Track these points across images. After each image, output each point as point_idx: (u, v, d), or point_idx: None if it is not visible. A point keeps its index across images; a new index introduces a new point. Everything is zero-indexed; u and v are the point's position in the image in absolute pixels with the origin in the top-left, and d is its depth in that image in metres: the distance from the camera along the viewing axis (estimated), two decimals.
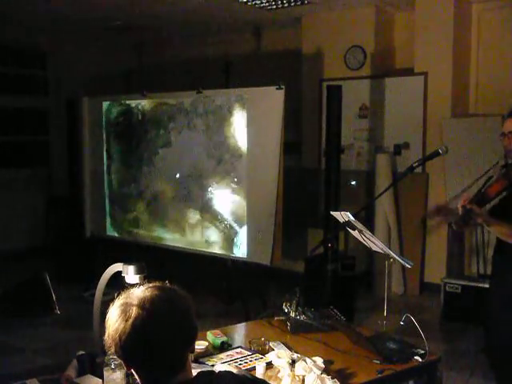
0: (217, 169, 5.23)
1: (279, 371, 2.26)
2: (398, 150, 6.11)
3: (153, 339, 1.40)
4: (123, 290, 1.52)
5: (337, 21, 6.36)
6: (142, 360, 1.42)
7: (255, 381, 1.63)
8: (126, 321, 1.41)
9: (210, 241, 5.36)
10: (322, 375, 2.18)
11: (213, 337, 2.60)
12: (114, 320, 1.43)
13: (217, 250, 5.31)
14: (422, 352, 2.43)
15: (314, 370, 2.21)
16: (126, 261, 2.29)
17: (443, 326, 5.08)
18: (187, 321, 1.46)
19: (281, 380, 2.20)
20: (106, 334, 1.45)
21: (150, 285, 1.50)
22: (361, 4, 6.07)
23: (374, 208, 5.93)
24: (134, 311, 1.41)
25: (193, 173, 5.44)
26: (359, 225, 2.59)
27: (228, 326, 2.92)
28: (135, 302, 1.43)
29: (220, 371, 1.57)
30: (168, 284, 1.52)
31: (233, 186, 5.15)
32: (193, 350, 1.49)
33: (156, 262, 5.47)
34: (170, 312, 1.43)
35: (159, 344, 1.40)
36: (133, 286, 1.54)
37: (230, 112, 5.14)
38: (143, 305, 1.42)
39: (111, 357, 2.07)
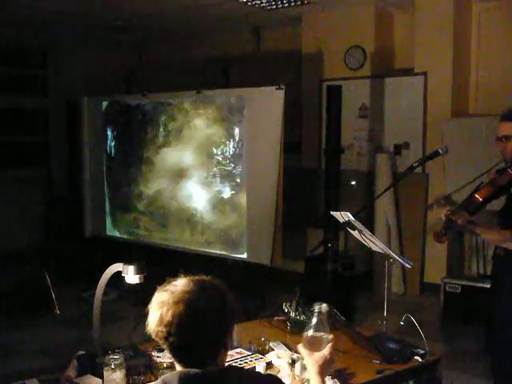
0: (217, 169, 5.23)
1: (279, 371, 2.26)
2: (398, 150, 6.11)
3: (201, 325, 1.47)
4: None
5: (337, 21, 6.35)
6: (188, 350, 1.49)
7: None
8: (177, 308, 1.46)
9: (210, 241, 5.36)
10: None
11: None
12: (162, 310, 1.47)
13: (217, 249, 5.31)
14: (422, 352, 2.43)
15: None
16: (126, 261, 2.29)
17: (443, 326, 5.08)
18: (227, 317, 1.53)
19: None
20: (155, 319, 1.48)
21: (195, 278, 1.56)
22: (361, 4, 6.07)
23: (374, 208, 5.93)
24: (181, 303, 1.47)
25: (192, 173, 5.45)
26: (359, 225, 2.59)
27: None
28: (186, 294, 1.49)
29: (249, 370, 1.64)
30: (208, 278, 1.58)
31: (233, 186, 5.15)
32: (226, 346, 1.56)
33: (156, 261, 5.48)
34: (216, 309, 1.51)
35: (205, 329, 1.47)
36: (175, 279, 1.56)
37: (229, 112, 5.14)
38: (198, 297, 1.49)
39: (111, 357, 2.07)
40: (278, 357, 2.35)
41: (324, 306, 1.90)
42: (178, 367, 1.52)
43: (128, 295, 5.40)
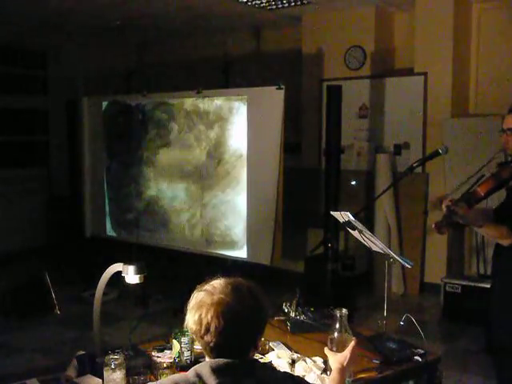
0: (217, 169, 5.23)
1: None
2: (398, 150, 6.11)
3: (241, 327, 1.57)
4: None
5: (337, 21, 6.36)
6: (221, 349, 1.57)
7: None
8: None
9: (210, 241, 5.36)
10: (322, 375, 2.18)
11: None
12: (200, 311, 1.56)
13: (217, 249, 5.31)
14: (422, 352, 2.43)
15: (314, 369, 2.21)
16: (126, 261, 2.29)
17: (443, 326, 5.08)
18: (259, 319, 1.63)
19: None
20: (194, 319, 1.57)
21: (232, 280, 1.65)
22: (361, 4, 6.07)
23: (374, 208, 5.93)
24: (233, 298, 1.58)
25: (193, 173, 5.45)
26: (359, 225, 2.59)
27: None
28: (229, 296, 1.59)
29: (275, 369, 1.69)
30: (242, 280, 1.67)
31: (233, 185, 5.15)
32: (256, 346, 1.65)
33: (156, 262, 5.49)
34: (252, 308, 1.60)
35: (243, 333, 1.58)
36: (213, 279, 1.66)
37: (230, 112, 5.14)
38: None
39: (111, 357, 2.07)
40: (278, 357, 2.35)
41: (344, 310, 2.07)
42: (208, 359, 1.60)
43: (128, 295, 5.41)
